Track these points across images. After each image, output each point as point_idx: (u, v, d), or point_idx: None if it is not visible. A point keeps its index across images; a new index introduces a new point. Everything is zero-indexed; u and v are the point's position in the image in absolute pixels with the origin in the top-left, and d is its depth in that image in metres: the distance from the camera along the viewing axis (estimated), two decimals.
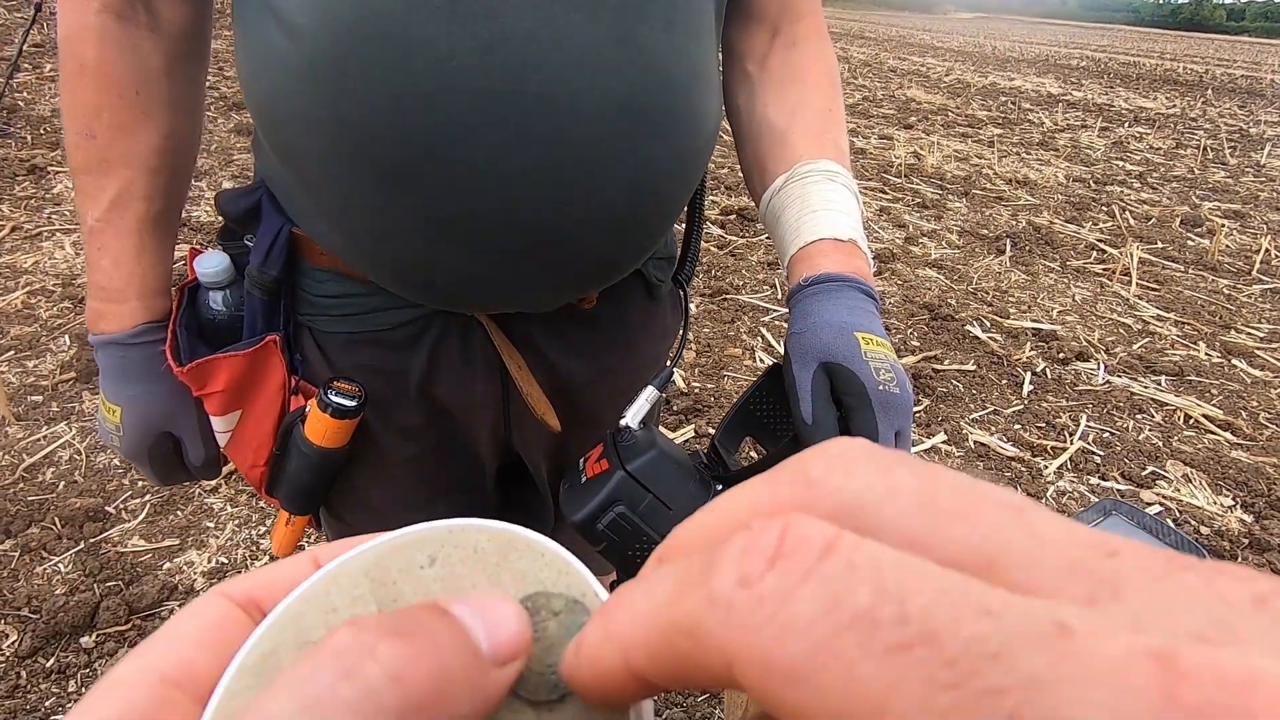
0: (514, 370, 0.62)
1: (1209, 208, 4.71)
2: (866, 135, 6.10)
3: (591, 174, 0.47)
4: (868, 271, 0.55)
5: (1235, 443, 2.21)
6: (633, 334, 0.68)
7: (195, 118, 0.61)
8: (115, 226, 0.57)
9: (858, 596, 0.10)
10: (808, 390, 0.49)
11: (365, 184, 0.47)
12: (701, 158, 0.55)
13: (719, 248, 3.40)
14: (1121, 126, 7.66)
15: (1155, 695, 0.08)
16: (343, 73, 0.44)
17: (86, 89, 0.54)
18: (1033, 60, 16.02)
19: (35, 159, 3.73)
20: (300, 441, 0.59)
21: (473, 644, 0.13)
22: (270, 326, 0.60)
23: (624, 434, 0.52)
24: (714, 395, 2.22)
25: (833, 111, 0.61)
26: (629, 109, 0.47)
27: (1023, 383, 2.45)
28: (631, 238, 0.54)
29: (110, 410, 0.61)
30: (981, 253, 3.63)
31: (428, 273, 0.52)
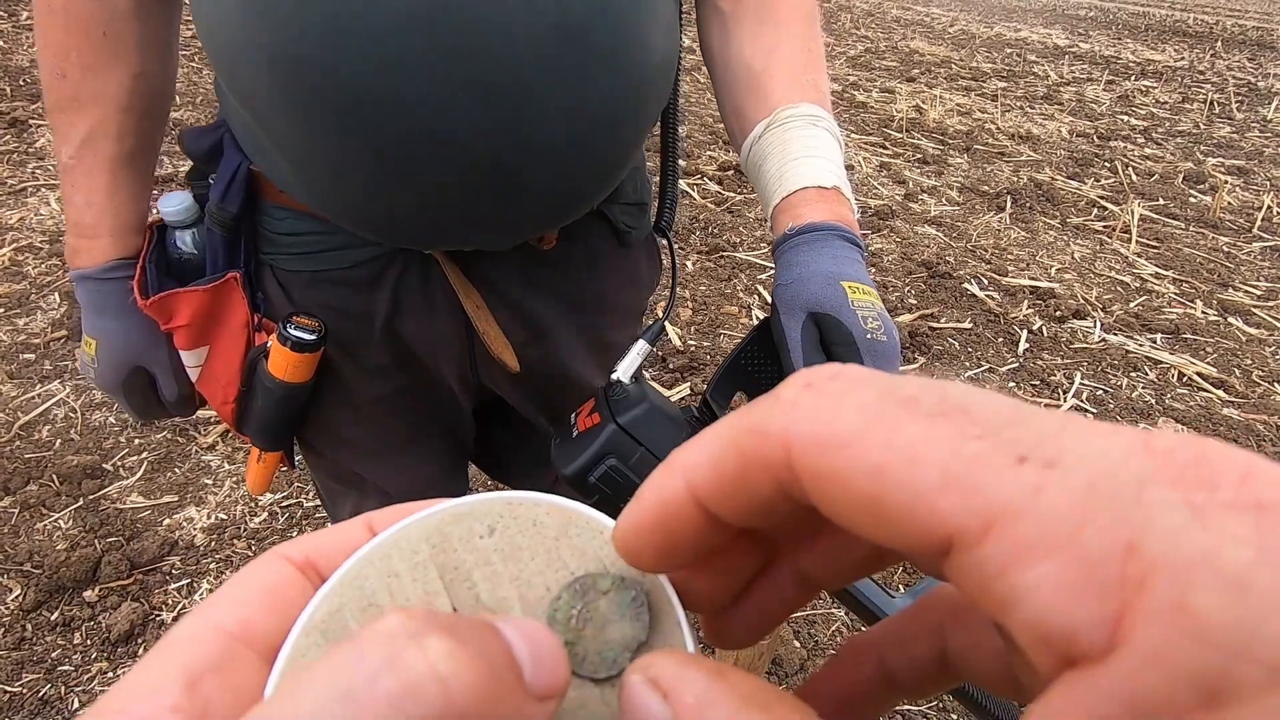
0: (470, 309, 0.61)
1: (1213, 164, 4.65)
2: (868, 89, 5.97)
3: (527, 100, 0.46)
4: (852, 219, 0.54)
5: (1227, 400, 2.23)
6: (601, 280, 0.68)
7: (168, 59, 0.61)
8: (87, 164, 0.58)
9: (907, 388, 0.12)
10: (797, 340, 0.48)
11: (304, 115, 0.47)
12: (651, 91, 0.53)
13: (716, 204, 3.36)
14: (1128, 80, 7.50)
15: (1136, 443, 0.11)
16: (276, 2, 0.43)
17: (56, 29, 0.54)
18: (1040, 10, 15.60)
19: (15, 112, 3.63)
20: (264, 377, 0.60)
21: (518, 668, 0.13)
22: (232, 264, 0.60)
23: (615, 388, 0.51)
24: (710, 353, 2.22)
25: (811, 51, 0.59)
26: (564, 32, 0.45)
27: (1019, 341, 2.45)
28: (579, 172, 0.53)
29: (88, 344, 0.63)
30: (981, 209, 3.60)
31: (373, 207, 0.52)
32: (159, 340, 0.63)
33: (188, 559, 1.46)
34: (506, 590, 0.17)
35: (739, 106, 0.59)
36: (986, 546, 0.10)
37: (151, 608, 1.36)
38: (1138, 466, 0.10)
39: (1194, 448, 0.10)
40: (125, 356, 0.63)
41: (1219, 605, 0.08)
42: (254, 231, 0.60)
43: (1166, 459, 0.10)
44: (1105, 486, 0.10)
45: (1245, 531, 0.08)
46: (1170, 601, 0.08)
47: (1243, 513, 0.09)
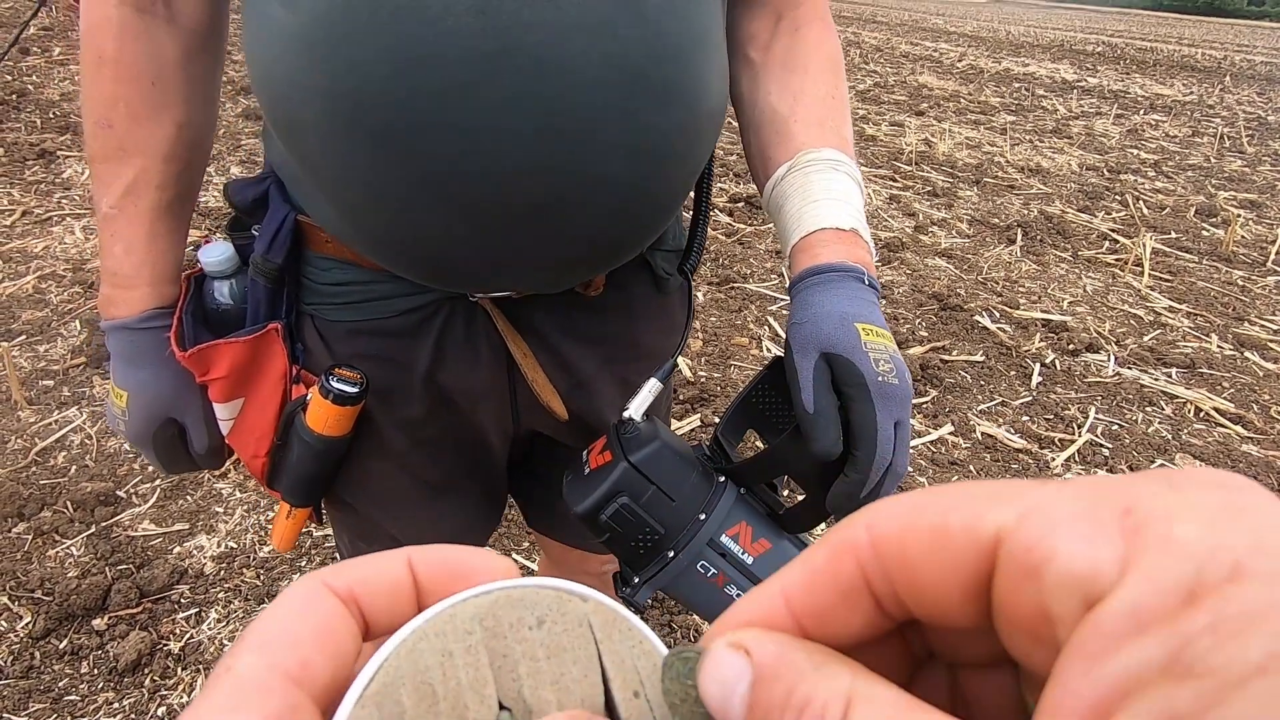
0: (519, 356, 0.61)
1: (1224, 197, 4.64)
2: (877, 122, 6.04)
3: (588, 139, 0.46)
4: (869, 261, 0.54)
5: (1246, 436, 2.20)
6: (639, 326, 0.68)
7: (210, 109, 0.62)
8: (128, 213, 0.58)
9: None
10: (809, 379, 0.49)
11: (361, 152, 0.47)
12: (704, 134, 0.54)
13: (727, 235, 3.39)
14: (1137, 114, 7.54)
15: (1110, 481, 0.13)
16: (338, 38, 0.43)
17: (105, 80, 0.55)
18: (1048, 45, 15.79)
19: (45, 143, 3.74)
20: (302, 430, 0.59)
21: None
22: (274, 314, 0.60)
23: (627, 425, 0.52)
24: (720, 384, 2.22)
25: (836, 98, 0.60)
26: (627, 74, 0.46)
27: (1031, 374, 2.43)
28: (632, 212, 0.53)
29: (118, 395, 0.62)
30: (992, 242, 3.60)
31: (426, 247, 0.52)
32: (192, 391, 0.62)
33: (197, 588, 1.46)
34: (547, 692, 0.17)
35: (764, 149, 0.60)
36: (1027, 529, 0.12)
37: (159, 637, 1.36)
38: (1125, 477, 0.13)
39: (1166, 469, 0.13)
40: (158, 408, 0.62)
41: (1191, 534, 0.11)
42: (296, 282, 0.60)
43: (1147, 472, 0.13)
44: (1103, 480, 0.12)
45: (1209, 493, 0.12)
46: (1158, 537, 0.11)
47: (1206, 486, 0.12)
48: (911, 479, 1.90)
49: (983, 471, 1.95)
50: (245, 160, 3.80)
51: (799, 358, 0.49)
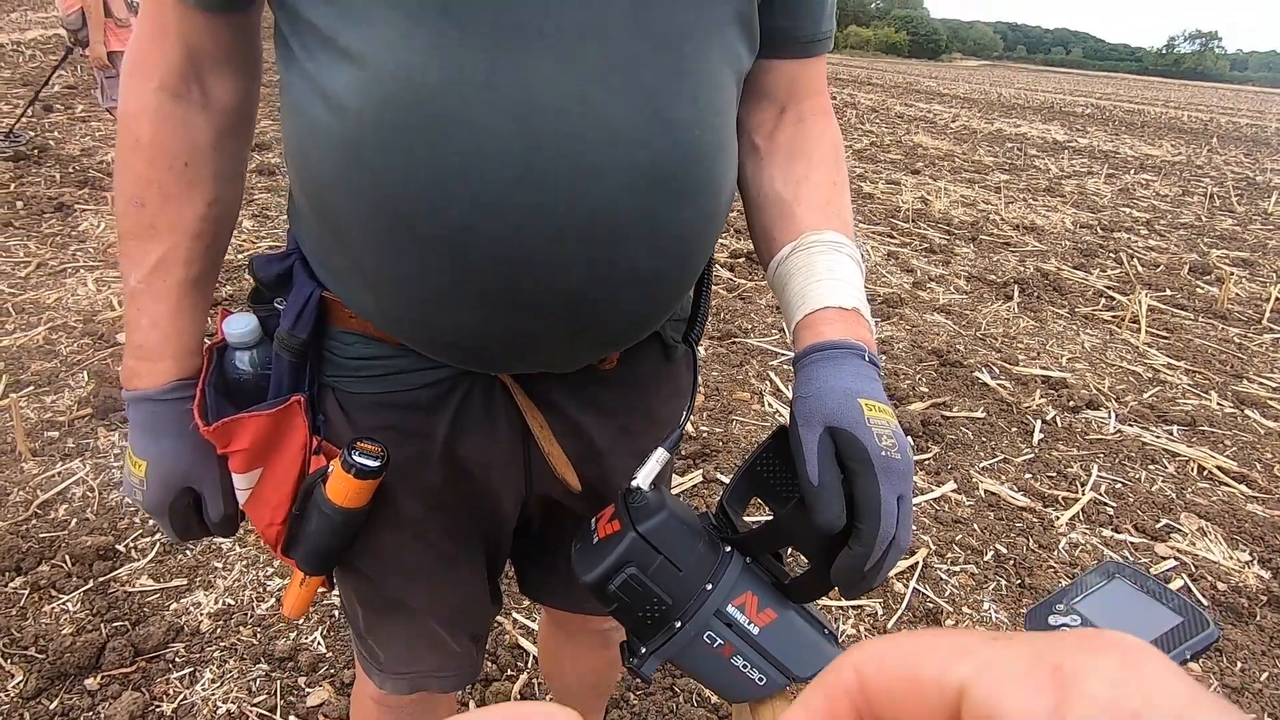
0: (536, 430, 0.63)
1: (1217, 255, 4.72)
2: (874, 180, 6.19)
3: (619, 239, 0.50)
4: (870, 339, 0.56)
5: (1250, 495, 2.19)
6: (650, 396, 0.70)
7: (237, 185, 0.65)
8: (155, 289, 0.60)
9: None
10: (814, 453, 0.50)
11: (404, 251, 0.50)
12: (720, 219, 0.58)
13: (728, 290, 3.44)
14: (1128, 173, 7.73)
15: None
16: (385, 149, 0.47)
17: (140, 163, 0.58)
18: (1038, 107, 16.27)
19: (63, 196, 3.84)
20: (321, 502, 0.60)
21: None
22: (296, 387, 0.62)
23: (635, 495, 0.53)
24: (722, 440, 2.22)
25: (837, 184, 0.64)
26: (656, 179, 0.49)
27: (1033, 430, 2.44)
28: (655, 298, 0.57)
29: (136, 464, 0.63)
30: (990, 298, 3.65)
31: (460, 335, 0.55)
32: (211, 461, 0.63)
33: (192, 646, 1.44)
34: None
35: (768, 229, 0.63)
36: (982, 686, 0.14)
37: (152, 698, 1.33)
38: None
39: None
40: (176, 478, 0.63)
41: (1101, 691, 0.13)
42: (319, 355, 0.62)
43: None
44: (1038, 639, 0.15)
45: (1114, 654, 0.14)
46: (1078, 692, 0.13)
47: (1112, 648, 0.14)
48: (916, 537, 1.88)
49: (986, 530, 1.94)
50: (257, 214, 3.89)
51: (804, 431, 0.51)
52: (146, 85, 0.57)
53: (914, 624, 1.63)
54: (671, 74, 0.49)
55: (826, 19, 0.61)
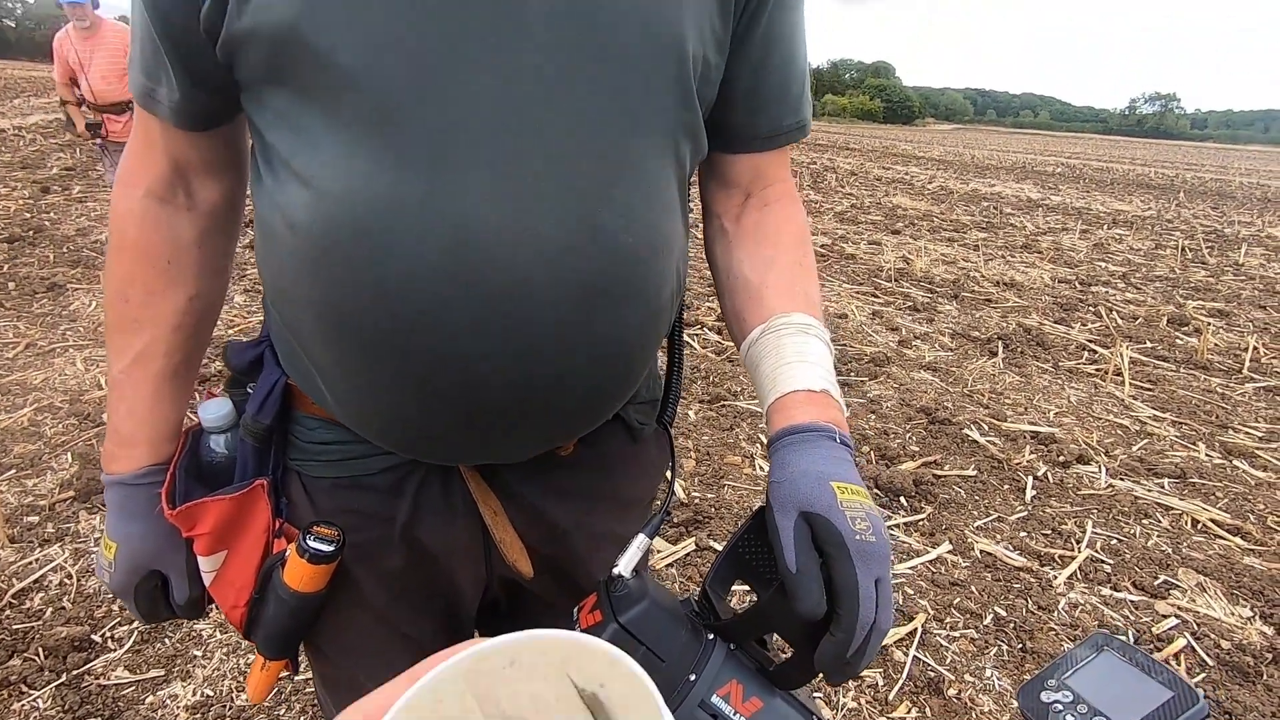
0: (488, 517, 0.64)
1: (1193, 306, 4.83)
2: (856, 241, 6.34)
3: (556, 349, 0.52)
4: (841, 420, 0.57)
5: (1246, 548, 2.17)
6: (615, 476, 0.70)
7: (221, 280, 0.67)
8: (135, 379, 0.62)
9: None
10: (790, 539, 0.50)
11: (349, 354, 0.53)
12: (663, 318, 0.60)
13: (716, 354, 3.47)
14: (1101, 229, 7.97)
15: None
16: (331, 263, 0.50)
17: (126, 261, 0.61)
18: (1010, 167, 16.87)
19: (56, 276, 3.87)
20: (279, 586, 0.60)
21: None
22: (261, 471, 0.63)
23: (616, 583, 0.52)
24: (714, 505, 2.20)
25: (803, 266, 0.66)
26: (590, 289, 0.52)
27: (1025, 487, 2.43)
28: (595, 398, 0.58)
29: (108, 546, 0.64)
30: (974, 354, 3.70)
31: (407, 431, 0.57)
32: (178, 544, 0.64)
33: None
34: (524, 702, 0.22)
35: (739, 312, 0.65)
36: None
37: None
38: None
39: None
40: (142, 560, 0.64)
41: None
42: (284, 439, 0.64)
43: None
44: None
45: None
46: None
47: None
48: (913, 602, 1.85)
49: (984, 593, 1.91)
50: (250, 289, 3.93)
51: (779, 517, 0.51)
52: (134, 193, 0.60)
53: (916, 694, 1.59)
54: (606, 186, 0.51)
55: (790, 113, 0.64)
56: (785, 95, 0.63)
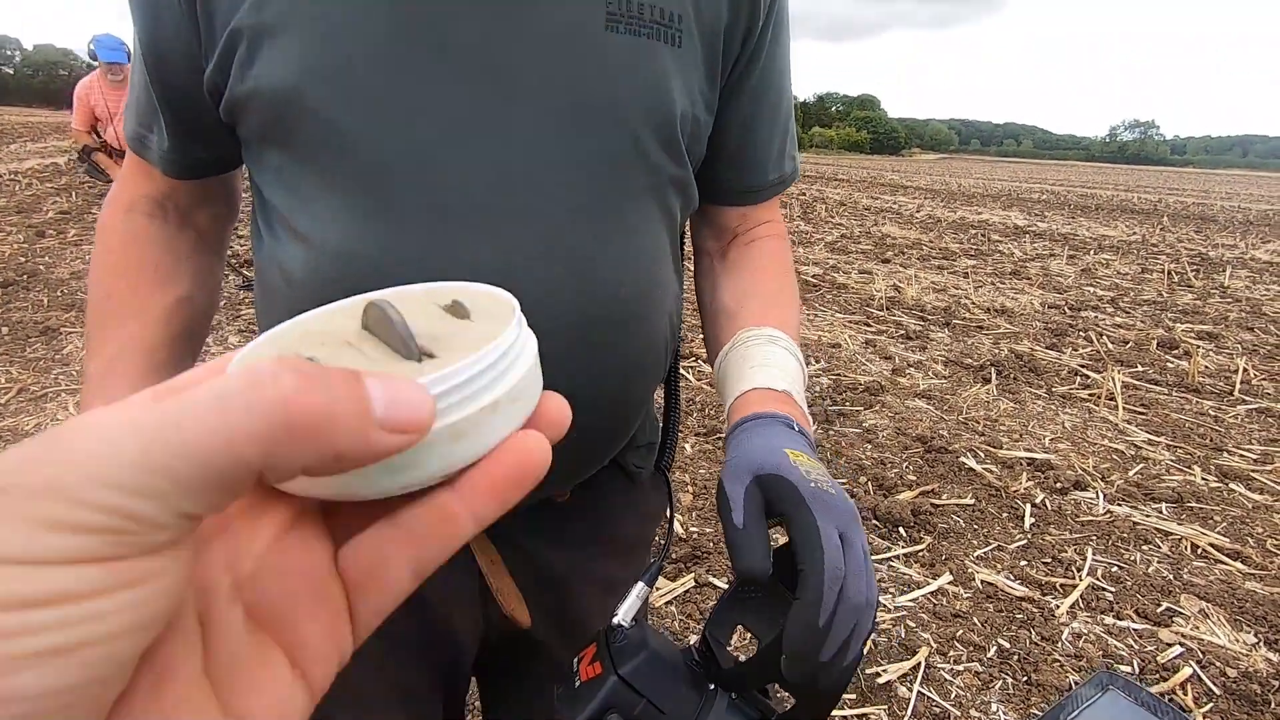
0: (485, 566, 0.63)
1: (1182, 330, 4.88)
2: (847, 271, 6.40)
3: None
4: (803, 418, 0.55)
5: (1248, 573, 2.17)
6: (614, 521, 0.70)
7: (210, 294, 0.67)
8: (117, 372, 0.59)
9: None
10: (739, 499, 0.48)
11: None
12: (658, 365, 0.61)
13: (712, 386, 3.48)
14: (1088, 254, 8.08)
15: None
16: None
17: (111, 264, 0.61)
18: (997, 195, 17.15)
19: (49, 320, 3.87)
20: None
21: (366, 407, 0.17)
22: None
23: (616, 633, 0.52)
24: (713, 540, 2.19)
25: (781, 293, 0.66)
26: (584, 343, 0.52)
27: (1023, 515, 2.43)
28: (590, 447, 0.59)
29: None
30: (968, 382, 3.72)
31: None
32: None
33: None
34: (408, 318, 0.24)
35: (716, 336, 0.67)
36: None
37: None
38: None
39: None
40: None
41: None
42: None
43: None
44: None
45: None
46: None
47: None
48: (916, 635, 1.84)
49: (987, 624, 1.89)
50: (244, 329, 3.93)
51: (730, 485, 0.49)
52: (121, 209, 0.62)
53: None
54: (600, 245, 0.52)
55: (773, 168, 0.66)
56: (770, 150, 0.65)
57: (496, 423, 0.21)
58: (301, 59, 0.48)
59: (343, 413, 0.16)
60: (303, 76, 0.48)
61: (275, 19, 0.48)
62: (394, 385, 0.18)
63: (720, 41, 0.56)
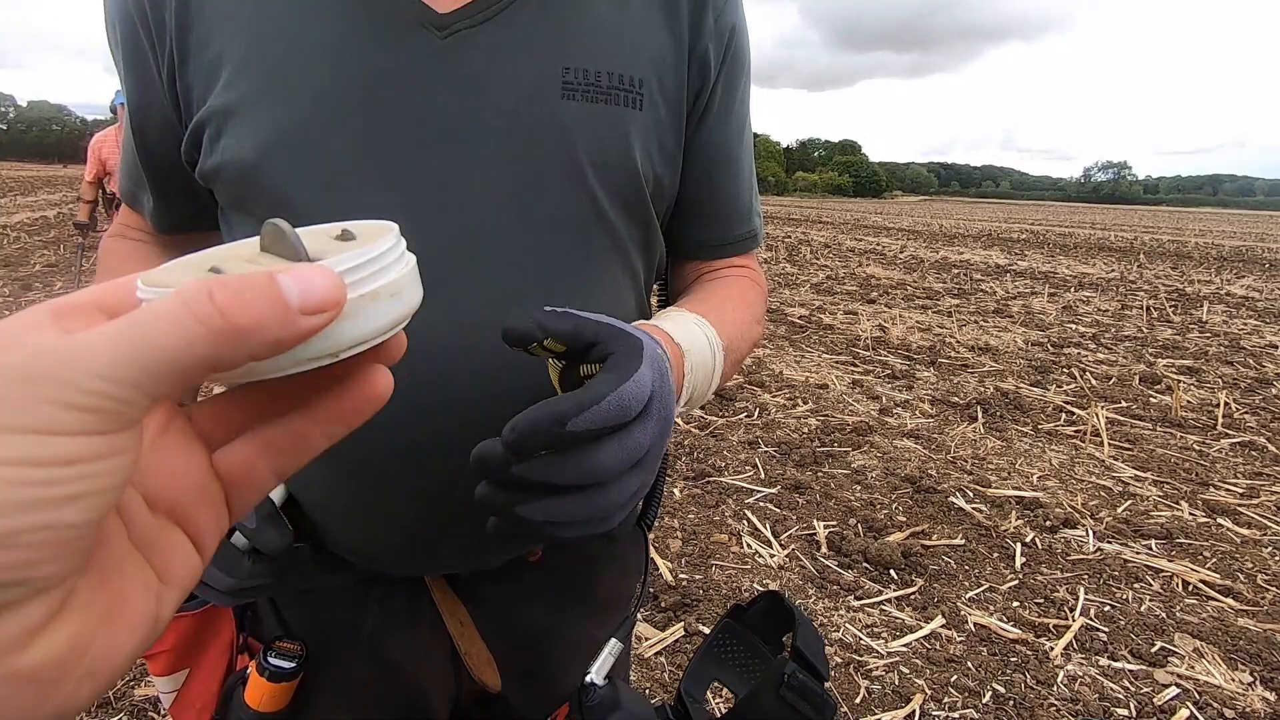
0: (453, 629, 0.63)
1: (1163, 365, 4.94)
2: (833, 312, 6.48)
3: None
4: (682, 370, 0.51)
5: (1239, 609, 2.15)
6: (590, 578, 0.70)
7: None
8: None
9: None
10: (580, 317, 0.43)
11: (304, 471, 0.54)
12: None
13: (700, 429, 3.47)
14: (1068, 291, 8.22)
15: None
16: None
17: (107, 265, 0.66)
18: (977, 235, 17.51)
19: None
20: (239, 707, 0.59)
21: (284, 300, 0.20)
22: None
23: (589, 692, 0.52)
24: (702, 587, 2.16)
25: (728, 298, 0.63)
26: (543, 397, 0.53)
27: (1014, 555, 2.41)
28: None
29: None
30: (955, 420, 3.73)
31: (364, 543, 0.58)
32: None
33: None
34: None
35: None
36: None
37: None
38: None
39: None
40: None
41: None
42: None
43: None
44: None
45: None
46: None
47: None
48: (910, 681, 1.80)
49: (981, 668, 1.86)
50: None
51: None
52: (116, 235, 0.67)
53: None
54: (558, 303, 0.53)
55: (739, 223, 0.66)
56: (734, 205, 0.66)
57: (379, 310, 0.25)
58: (262, 136, 0.50)
59: (267, 308, 0.20)
60: (262, 153, 0.50)
61: (240, 99, 0.50)
62: (301, 275, 0.21)
63: (684, 102, 0.58)
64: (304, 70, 0.50)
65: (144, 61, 0.54)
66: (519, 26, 0.52)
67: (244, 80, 0.50)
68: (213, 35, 0.51)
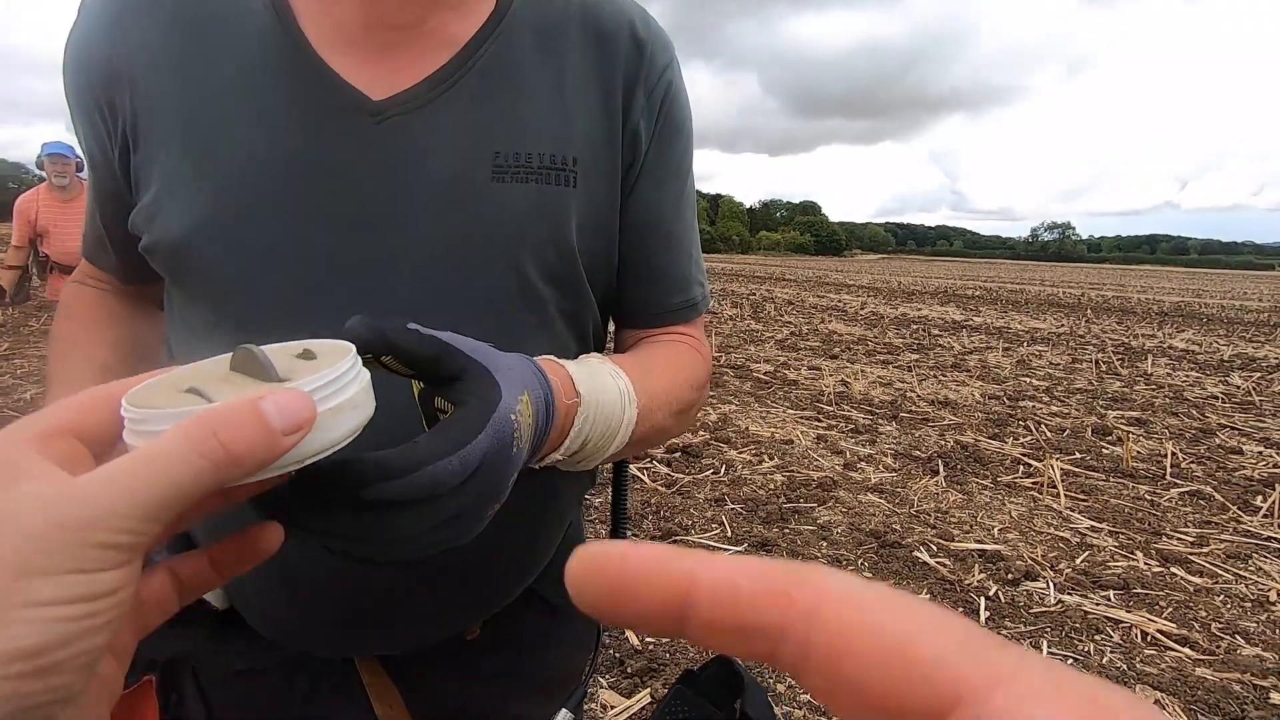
0: (382, 712, 0.61)
1: (1114, 416, 5.11)
2: (797, 367, 6.59)
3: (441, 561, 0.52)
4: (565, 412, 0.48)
5: (1197, 659, 2.19)
6: (533, 655, 0.68)
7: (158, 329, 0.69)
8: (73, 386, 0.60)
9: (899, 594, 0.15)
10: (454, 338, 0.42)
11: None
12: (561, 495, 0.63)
13: (667, 486, 3.46)
14: (1021, 346, 8.50)
15: None
16: None
17: (64, 320, 0.66)
18: (934, 292, 18.10)
19: None
20: None
21: (270, 426, 0.25)
22: (149, 668, 0.60)
23: None
24: (669, 651, 2.12)
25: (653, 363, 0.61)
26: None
27: (979, 609, 2.43)
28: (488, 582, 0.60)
29: None
30: (917, 474, 3.79)
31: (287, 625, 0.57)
32: None
33: None
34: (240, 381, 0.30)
35: None
36: (997, 699, 0.12)
37: None
38: None
39: None
40: None
41: None
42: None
43: None
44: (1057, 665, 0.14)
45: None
46: None
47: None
48: None
49: None
50: None
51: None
52: (75, 284, 0.68)
53: None
54: None
55: (675, 293, 0.66)
56: (670, 273, 0.65)
57: (341, 421, 0.29)
58: (194, 214, 0.51)
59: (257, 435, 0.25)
60: (193, 231, 0.51)
61: (172, 179, 0.52)
62: (280, 400, 0.26)
63: (618, 175, 0.59)
64: (235, 154, 0.51)
65: (101, 142, 0.56)
66: (452, 113, 0.53)
67: (177, 161, 0.52)
68: (157, 119, 0.53)
